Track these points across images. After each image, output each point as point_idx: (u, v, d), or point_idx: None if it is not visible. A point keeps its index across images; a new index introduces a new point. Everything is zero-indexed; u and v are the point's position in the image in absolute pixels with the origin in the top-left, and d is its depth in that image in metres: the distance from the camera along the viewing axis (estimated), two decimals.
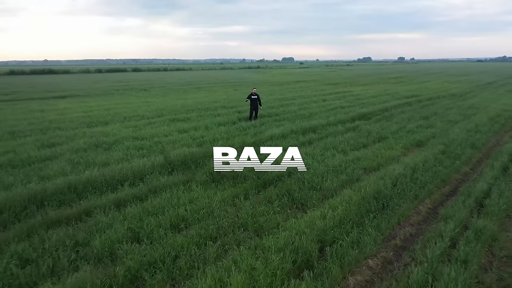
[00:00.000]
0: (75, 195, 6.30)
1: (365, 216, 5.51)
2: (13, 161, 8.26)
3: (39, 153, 8.89)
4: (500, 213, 5.77)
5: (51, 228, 5.13)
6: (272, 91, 27.79)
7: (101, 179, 6.83)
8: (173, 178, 7.14)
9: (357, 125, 12.83)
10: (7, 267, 4.16)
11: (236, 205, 5.93)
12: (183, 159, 8.13)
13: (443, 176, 7.51)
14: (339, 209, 5.50)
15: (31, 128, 12.35)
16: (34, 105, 19.48)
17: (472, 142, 10.22)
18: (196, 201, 6.03)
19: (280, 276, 3.97)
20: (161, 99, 22.93)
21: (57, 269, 4.23)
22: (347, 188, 6.52)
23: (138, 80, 43.73)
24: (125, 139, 10.27)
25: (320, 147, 9.67)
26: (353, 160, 8.38)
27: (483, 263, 4.54)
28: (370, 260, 4.64)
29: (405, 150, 9.62)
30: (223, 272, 4.02)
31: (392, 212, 5.78)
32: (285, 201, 6.11)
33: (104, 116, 14.99)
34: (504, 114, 15.47)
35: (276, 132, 11.13)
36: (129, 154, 8.69)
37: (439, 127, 12.52)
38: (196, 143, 9.87)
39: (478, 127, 12.41)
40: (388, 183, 6.67)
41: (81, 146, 9.52)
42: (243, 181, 6.96)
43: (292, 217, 5.45)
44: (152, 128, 12.09)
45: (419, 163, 7.98)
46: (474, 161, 8.89)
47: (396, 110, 16.58)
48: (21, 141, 10.39)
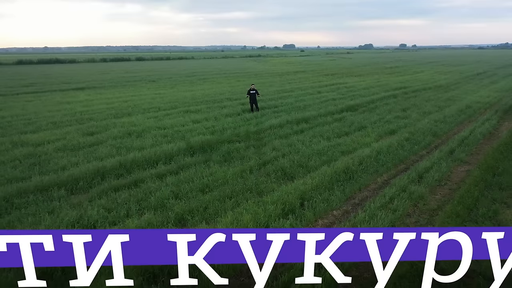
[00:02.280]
0: (125, 170, 8.62)
1: (335, 184, 7.82)
2: (68, 146, 10.57)
3: (85, 140, 11.19)
4: (433, 183, 8.06)
5: (117, 191, 7.45)
6: (272, 82, 29.88)
7: (142, 159, 9.14)
8: (195, 159, 9.44)
9: (343, 116, 15.05)
10: (98, 211, 6.49)
11: (244, 177, 8.23)
12: (201, 144, 10.43)
13: (401, 157, 9.79)
14: (316, 179, 7.80)
15: (68, 119, 14.60)
16: (58, 97, 21.71)
17: (434, 131, 12.46)
18: (215, 174, 8.33)
19: (273, 216, 6.29)
20: (170, 90, 25.10)
21: (131, 213, 6.56)
22: (325, 166, 8.81)
23: (144, 71, 45.72)
24: (151, 129, 12.55)
25: (309, 135, 11.94)
26: (334, 145, 10.66)
27: (408, 212, 6.85)
28: (335, 211, 6.95)
29: (379, 137, 11.87)
30: (237, 215, 6.33)
31: (355, 182, 8.08)
32: (279, 174, 8.41)
33: (125, 108, 17.23)
34: (474, 105, 17.65)
35: (274, 122, 13.39)
36: (157, 141, 10.98)
37: (413, 118, 14.74)
38: (209, 132, 12.14)
39: (446, 118, 14.62)
40: (356, 162, 8.97)
41: (117, 134, 11.80)
42: (248, 161, 9.26)
43: (283, 184, 7.76)
44: (170, 119, 14.35)
45: (384, 147, 10.26)
46: (431, 146, 11.15)
47: (381, 102, 18.76)
48: (65, 130, 12.68)
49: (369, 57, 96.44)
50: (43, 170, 8.53)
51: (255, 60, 78.42)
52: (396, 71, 42.94)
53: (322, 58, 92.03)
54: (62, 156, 9.60)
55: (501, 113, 16.13)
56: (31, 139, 11.39)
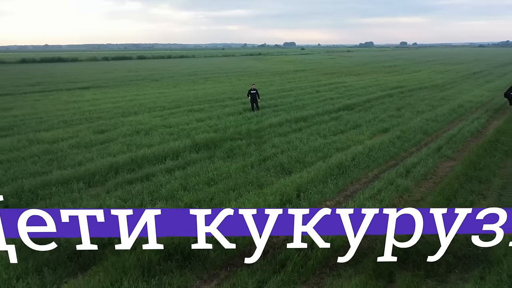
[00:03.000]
0: (136, 165, 9.37)
1: (329, 178, 8.56)
2: (81, 143, 11.32)
3: (97, 137, 11.95)
4: (419, 177, 8.81)
5: (131, 184, 8.20)
6: (272, 81, 30.61)
7: (151, 155, 9.90)
8: (200, 155, 10.20)
9: (340, 115, 15.79)
10: (116, 201, 7.24)
11: (246, 172, 8.98)
12: (205, 142, 11.18)
13: (391, 154, 10.54)
14: (312, 173, 8.55)
15: (78, 118, 15.36)
16: (65, 96, 22.46)
17: (425, 129, 13.20)
18: (219, 169, 9.08)
19: (272, 206, 7.03)
20: (173, 90, 25.84)
21: (144, 203, 7.31)
22: (321, 161, 9.56)
23: (146, 70, 46.43)
24: (157, 127, 13.29)
25: (307, 133, 12.68)
26: (330, 143, 11.40)
27: (394, 202, 7.59)
28: (328, 201, 7.70)
29: (372, 135, 12.60)
30: (240, 204, 7.08)
31: (348, 176, 8.82)
32: (278, 169, 9.16)
33: (131, 106, 17.98)
34: (466, 105, 18.38)
35: (274, 121, 14.13)
36: (164, 138, 11.73)
37: (406, 117, 15.47)
38: (212, 130, 12.89)
39: (437, 116, 15.35)
40: (349, 158, 9.71)
41: (126, 132, 12.56)
42: (249, 157, 10.01)
43: (282, 178, 8.51)
44: (175, 118, 15.09)
45: (376, 144, 11.00)
46: (421, 144, 11.89)
47: (377, 101, 19.48)
48: (76, 128, 13.43)
49: (369, 55, 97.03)
50: (61, 165, 9.29)
51: (255, 59, 79.08)
52: (394, 70, 43.64)
53: (322, 56, 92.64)
54: (77, 152, 10.36)
55: (491, 112, 16.86)
56: (46, 137, 12.15)
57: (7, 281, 4.82)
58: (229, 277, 5.06)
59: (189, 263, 5.22)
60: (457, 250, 5.73)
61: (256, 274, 5.02)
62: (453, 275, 5.21)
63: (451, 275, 5.23)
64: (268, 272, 5.06)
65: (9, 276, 4.90)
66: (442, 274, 5.20)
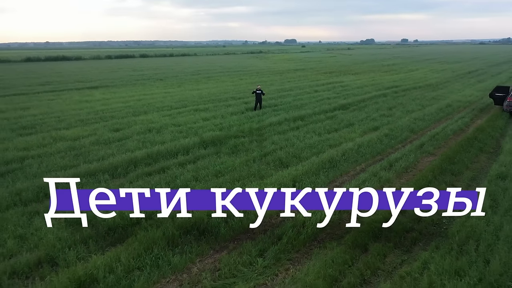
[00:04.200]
0: (152, 160, 10.64)
1: (321, 170, 9.82)
2: (100, 140, 12.59)
3: (113, 135, 13.22)
4: (400, 170, 10.05)
5: (149, 176, 9.47)
6: (273, 81, 31.82)
7: (165, 151, 11.16)
8: (208, 151, 11.46)
9: (335, 114, 17.03)
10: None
11: (248, 165, 10.24)
12: (212, 139, 12.45)
13: (379, 150, 11.79)
14: (306, 166, 9.81)
15: (92, 117, 16.62)
16: (76, 96, 23.70)
17: (412, 128, 14.43)
18: (225, 163, 10.34)
19: None
20: (178, 89, 27.06)
21: None
22: (314, 156, 10.82)
23: (150, 69, 47.60)
24: (167, 126, 14.56)
25: (304, 131, 13.93)
26: (324, 140, 12.65)
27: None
28: None
29: (363, 133, 13.84)
30: None
31: (338, 169, 10.08)
32: (277, 163, 10.42)
33: (140, 106, 19.24)
34: (454, 104, 19.59)
35: (274, 120, 15.38)
36: (175, 136, 12.99)
37: (397, 116, 16.70)
38: (218, 128, 14.15)
39: (425, 116, 16.58)
40: (340, 153, 10.97)
41: (139, 130, 13.82)
42: (252, 153, 11.27)
43: (280, 171, 9.77)
44: (183, 117, 16.35)
45: (365, 141, 12.25)
46: (407, 141, 13.12)
47: (371, 101, 20.70)
48: (93, 126, 14.70)
49: (369, 53, 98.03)
50: (87, 159, 10.57)
51: (256, 57, 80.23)
52: (392, 69, 44.75)
53: (322, 54, 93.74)
54: (98, 148, 11.64)
55: (476, 112, 18.07)
56: (67, 134, 13.42)
57: (61, 250, 6.11)
58: (236, 248, 6.34)
59: (204, 237, 6.51)
60: (422, 229, 7.03)
61: (258, 245, 6.31)
62: (416, 247, 6.50)
63: (415, 247, 6.51)
64: (268, 243, 6.35)
65: (62, 246, 6.20)
66: (408, 246, 6.49)
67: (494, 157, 11.15)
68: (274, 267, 5.86)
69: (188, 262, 5.91)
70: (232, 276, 5.63)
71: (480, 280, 5.16)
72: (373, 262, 5.92)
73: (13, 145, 12.07)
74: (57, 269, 5.73)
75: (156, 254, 5.93)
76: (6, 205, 7.76)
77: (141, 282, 5.34)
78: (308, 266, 5.75)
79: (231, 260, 5.89)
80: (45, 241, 6.34)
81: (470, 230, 6.52)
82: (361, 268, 5.76)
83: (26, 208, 7.67)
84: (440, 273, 5.32)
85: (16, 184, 8.70)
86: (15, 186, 8.58)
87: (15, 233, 6.69)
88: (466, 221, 6.81)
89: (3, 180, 9.10)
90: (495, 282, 5.13)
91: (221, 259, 5.97)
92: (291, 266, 5.90)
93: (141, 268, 5.66)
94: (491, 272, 5.29)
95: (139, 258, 5.84)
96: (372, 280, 5.63)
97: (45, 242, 6.32)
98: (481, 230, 6.55)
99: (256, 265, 5.85)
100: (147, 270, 5.61)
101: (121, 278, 5.43)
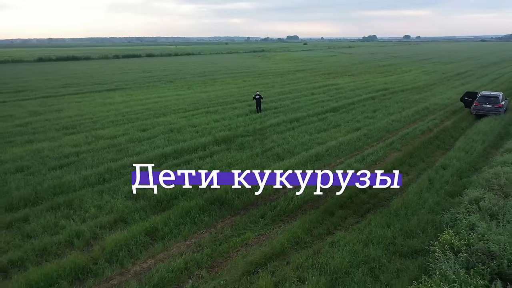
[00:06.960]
0: (178, 155, 13.66)
1: (308, 163, 12.81)
2: (133, 139, 15.61)
3: (142, 135, 16.24)
4: (370, 162, 13.02)
5: (178, 166, 12.48)
6: (274, 83, 34.73)
7: (187, 148, 14.18)
8: (220, 147, 14.48)
9: (326, 116, 19.98)
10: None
11: (253, 158, 13.24)
12: (223, 138, 15.46)
13: (357, 147, 14.75)
14: (297, 159, 12.81)
15: (120, 118, 19.62)
16: (98, 99, 26.71)
17: (388, 128, 17.37)
18: (234, 157, 13.34)
19: None
20: (188, 92, 30.01)
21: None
22: (304, 152, 13.80)
23: (158, 70, 50.56)
24: (185, 127, 17.57)
25: (298, 131, 16.91)
26: (313, 139, 15.63)
27: None
28: None
29: (347, 133, 16.80)
30: None
31: (321, 162, 13.06)
32: (275, 157, 13.41)
33: (158, 108, 22.25)
34: (431, 107, 22.47)
35: (274, 121, 18.37)
36: (193, 136, 16.00)
37: (378, 118, 19.62)
38: (227, 129, 17.15)
39: (402, 118, 19.49)
40: (324, 149, 13.96)
41: (163, 131, 16.84)
42: (255, 149, 14.27)
43: (277, 163, 12.77)
44: (197, 119, 19.36)
45: (347, 140, 15.23)
46: (382, 140, 16.08)
47: (359, 104, 23.62)
48: (124, 127, 17.72)
49: (368, 52, 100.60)
50: (127, 154, 13.60)
51: (258, 56, 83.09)
52: (387, 70, 47.46)
53: (323, 53, 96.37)
54: (134, 146, 14.67)
55: (448, 114, 20.96)
56: (104, 134, 16.45)
57: (128, 214, 9.16)
58: (246, 213, 9.37)
59: (223, 207, 9.54)
60: (376, 202, 10.04)
61: (260, 211, 9.34)
62: (369, 214, 9.49)
63: (368, 214, 9.51)
64: (267, 210, 9.38)
65: (129, 211, 9.24)
66: (363, 212, 9.50)
67: (446, 153, 14.10)
68: (271, 225, 8.90)
69: (214, 221, 8.97)
70: (243, 229, 8.67)
71: (400, 229, 8.16)
72: (336, 221, 8.96)
73: (64, 142, 15.11)
74: (128, 225, 8.78)
75: (193, 216, 8.98)
76: (79, 186, 10.81)
77: (186, 231, 8.39)
78: (293, 224, 8.78)
79: (242, 220, 8.94)
80: (115, 209, 9.39)
81: (405, 202, 9.51)
82: (328, 224, 8.80)
83: (93, 188, 10.72)
84: (376, 226, 8.32)
85: (81, 172, 11.75)
86: (81, 173, 11.63)
87: (93, 204, 9.73)
88: (405, 197, 9.81)
89: (69, 169, 12.14)
90: (410, 231, 8.13)
91: (236, 220, 9.02)
92: (282, 224, 8.94)
93: (184, 223, 8.72)
94: (409, 225, 8.29)
95: (182, 218, 8.90)
96: (334, 232, 8.65)
97: (115, 209, 9.37)
98: (413, 202, 9.54)
99: (259, 223, 8.89)
100: (188, 226, 8.66)
101: (173, 229, 8.49)
